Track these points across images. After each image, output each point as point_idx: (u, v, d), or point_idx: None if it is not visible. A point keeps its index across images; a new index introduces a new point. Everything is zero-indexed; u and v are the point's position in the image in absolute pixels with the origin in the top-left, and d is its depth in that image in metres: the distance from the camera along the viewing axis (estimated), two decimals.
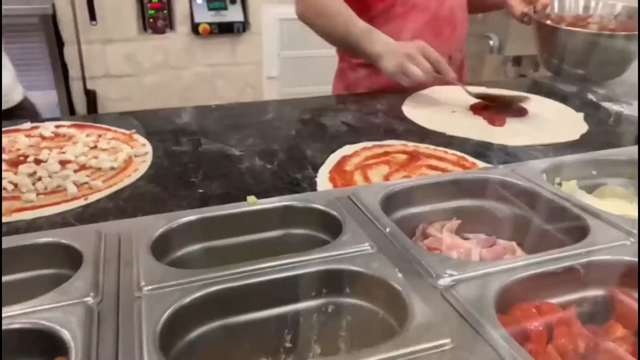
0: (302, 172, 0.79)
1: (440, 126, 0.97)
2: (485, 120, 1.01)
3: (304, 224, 0.52)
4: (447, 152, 0.87)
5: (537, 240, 0.55)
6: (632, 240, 0.47)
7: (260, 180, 0.77)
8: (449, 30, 1.22)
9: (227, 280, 0.40)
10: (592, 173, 0.64)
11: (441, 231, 0.57)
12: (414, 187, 0.57)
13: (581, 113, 1.04)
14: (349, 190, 0.56)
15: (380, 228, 0.49)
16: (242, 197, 0.73)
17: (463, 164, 0.83)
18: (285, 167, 0.80)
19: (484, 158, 0.85)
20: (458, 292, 0.40)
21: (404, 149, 0.87)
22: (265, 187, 0.76)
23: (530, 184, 0.56)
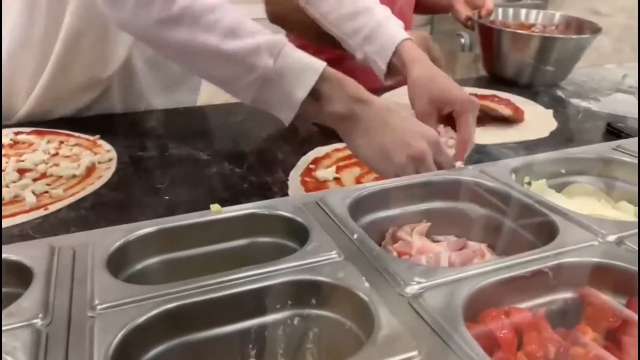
0: (272, 175, 0.77)
1: None
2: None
3: (270, 232, 0.50)
4: None
5: (507, 242, 0.55)
6: (600, 240, 0.46)
7: (229, 185, 0.75)
8: None
9: (186, 295, 0.38)
10: (561, 171, 0.64)
11: (411, 234, 0.56)
12: (383, 191, 0.55)
13: (550, 110, 1.05)
14: (317, 195, 0.54)
15: (348, 234, 0.47)
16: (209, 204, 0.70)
17: None
18: (255, 171, 0.78)
19: None
20: (426, 301, 0.38)
21: None
22: (234, 192, 0.74)
23: (499, 184, 0.56)
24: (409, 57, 0.80)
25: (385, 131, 0.62)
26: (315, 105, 0.62)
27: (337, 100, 0.62)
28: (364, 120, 0.62)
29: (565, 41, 1.14)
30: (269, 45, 0.61)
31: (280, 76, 0.61)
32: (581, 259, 0.43)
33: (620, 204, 0.62)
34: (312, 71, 0.61)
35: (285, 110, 0.63)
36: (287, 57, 0.62)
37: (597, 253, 0.44)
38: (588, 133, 0.98)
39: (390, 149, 0.61)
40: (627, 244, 0.45)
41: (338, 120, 0.63)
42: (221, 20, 0.61)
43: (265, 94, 0.63)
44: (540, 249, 0.45)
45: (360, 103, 0.63)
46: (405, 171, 0.60)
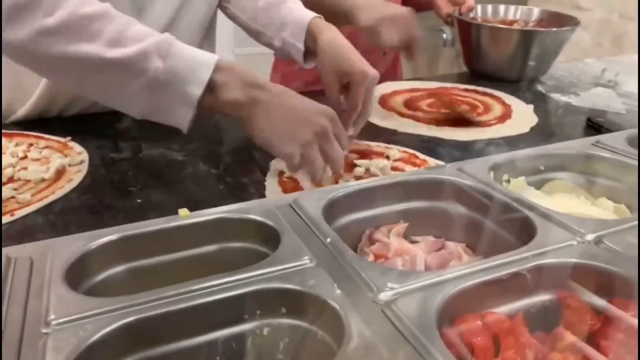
0: (249, 176, 0.75)
1: (391, 123, 0.95)
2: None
3: (240, 237, 0.48)
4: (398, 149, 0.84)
5: (485, 242, 0.53)
6: (578, 239, 0.45)
7: (203, 187, 0.73)
8: None
9: (148, 307, 0.36)
10: (540, 168, 0.62)
11: (388, 235, 0.54)
12: (358, 191, 0.54)
13: (531, 105, 1.04)
14: (291, 198, 0.52)
15: (321, 238, 0.45)
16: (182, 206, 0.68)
17: (414, 161, 0.81)
18: (231, 172, 0.76)
19: (435, 154, 0.83)
20: (399, 308, 0.37)
21: (356, 148, 0.85)
22: (209, 194, 0.71)
23: (477, 183, 0.54)
24: (318, 30, 0.81)
25: (287, 112, 0.63)
26: (211, 96, 0.61)
27: (233, 87, 0.61)
28: (264, 104, 0.62)
29: (544, 35, 1.13)
30: (156, 46, 0.59)
31: (172, 76, 0.59)
32: (559, 260, 0.42)
33: (600, 200, 0.61)
34: (204, 65, 0.60)
35: (182, 111, 0.61)
36: (176, 55, 0.59)
37: (576, 253, 0.43)
38: (568, 128, 0.98)
39: (293, 129, 0.62)
40: (606, 243, 0.44)
41: (237, 108, 0.62)
42: (104, 28, 0.58)
43: (157, 99, 0.60)
44: (518, 250, 0.43)
45: (257, 88, 0.62)
46: (311, 149, 0.62)
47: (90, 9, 0.58)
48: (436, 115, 0.98)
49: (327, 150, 0.63)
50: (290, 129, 0.62)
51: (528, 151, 0.63)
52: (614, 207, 0.59)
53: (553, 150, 0.63)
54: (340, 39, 0.79)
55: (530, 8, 1.28)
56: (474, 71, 1.22)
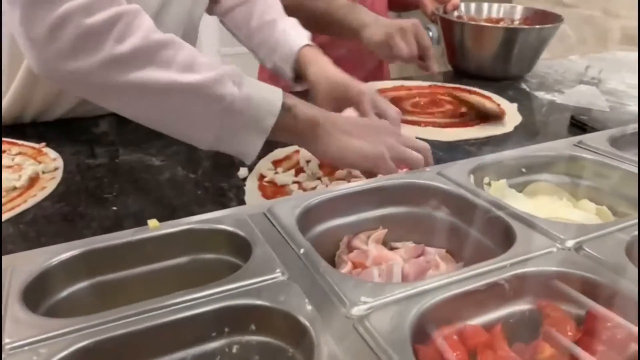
0: (228, 181, 0.73)
1: None
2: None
3: (212, 248, 0.46)
4: None
5: (465, 247, 0.52)
6: (558, 246, 0.44)
7: (181, 193, 0.71)
8: None
9: (109, 328, 0.34)
10: (522, 170, 0.61)
11: (367, 242, 0.53)
12: (335, 198, 0.52)
13: (515, 104, 1.03)
14: (266, 205, 0.50)
15: (295, 249, 0.44)
16: (159, 214, 0.66)
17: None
18: (210, 176, 0.74)
19: None
20: (372, 323, 0.35)
21: None
22: (186, 200, 0.69)
23: (456, 187, 0.53)
24: (306, 60, 0.83)
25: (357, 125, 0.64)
26: (289, 116, 0.61)
27: (304, 107, 0.62)
28: (335, 122, 0.63)
29: (527, 33, 1.12)
30: (230, 74, 0.59)
31: (247, 103, 0.59)
32: (538, 268, 0.41)
33: (582, 202, 0.60)
34: (274, 94, 0.61)
35: (255, 139, 0.61)
36: (248, 84, 0.60)
37: (556, 261, 0.41)
38: (552, 126, 0.96)
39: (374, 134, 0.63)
40: (586, 250, 0.43)
41: (314, 126, 0.62)
42: (176, 55, 0.58)
43: (232, 125, 0.60)
44: (496, 258, 0.42)
45: (321, 110, 0.64)
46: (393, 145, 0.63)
47: (160, 35, 0.58)
48: (419, 115, 0.96)
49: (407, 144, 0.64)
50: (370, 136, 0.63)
51: (509, 153, 0.61)
52: (596, 209, 0.58)
53: (534, 151, 0.62)
54: (328, 68, 0.81)
55: (514, 6, 1.27)
56: (458, 70, 1.21)
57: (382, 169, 0.62)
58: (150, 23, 0.59)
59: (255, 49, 0.91)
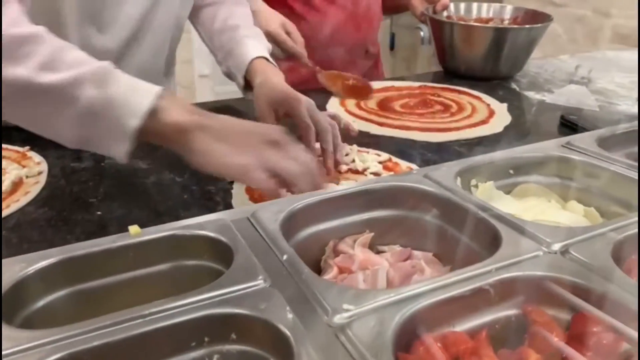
0: (216, 184, 0.72)
1: (364, 125, 0.92)
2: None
3: (194, 254, 0.45)
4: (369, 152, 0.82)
5: (452, 251, 0.51)
6: (544, 249, 0.43)
7: (167, 197, 0.70)
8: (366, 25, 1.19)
9: (85, 339, 0.33)
10: (509, 172, 0.60)
11: (353, 246, 0.52)
12: (320, 202, 0.51)
13: (505, 103, 1.02)
14: (250, 210, 0.50)
15: (278, 255, 0.43)
16: (144, 218, 0.66)
17: (386, 164, 0.79)
18: (197, 180, 0.73)
19: (408, 157, 0.81)
20: (353, 331, 0.34)
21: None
22: (172, 204, 0.68)
23: (442, 190, 0.52)
24: (255, 71, 0.83)
25: (235, 131, 0.58)
26: (153, 120, 0.55)
27: (175, 111, 0.56)
28: (209, 127, 0.57)
29: (517, 32, 1.11)
30: (92, 74, 0.54)
31: (107, 106, 0.55)
32: (524, 273, 0.40)
33: (570, 203, 0.59)
34: (144, 96, 0.55)
35: (118, 144, 0.56)
36: (113, 84, 0.55)
37: (542, 265, 0.41)
38: (542, 126, 0.96)
39: (243, 140, 0.57)
40: (572, 253, 0.42)
41: (181, 133, 0.57)
42: (35, 52, 0.53)
43: (90, 130, 0.56)
44: (481, 263, 0.41)
45: (201, 115, 0.58)
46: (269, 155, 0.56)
47: (21, 30, 0.54)
48: (409, 116, 0.96)
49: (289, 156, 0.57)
50: (239, 142, 0.57)
51: (496, 155, 0.61)
52: (584, 210, 0.58)
53: (522, 153, 0.61)
54: (273, 79, 0.81)
55: (504, 6, 1.27)
56: (448, 70, 1.20)
57: (247, 181, 0.58)
58: (15, 14, 0.54)
59: (214, 51, 0.91)
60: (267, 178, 0.55)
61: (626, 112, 1.01)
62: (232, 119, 0.61)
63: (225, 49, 0.87)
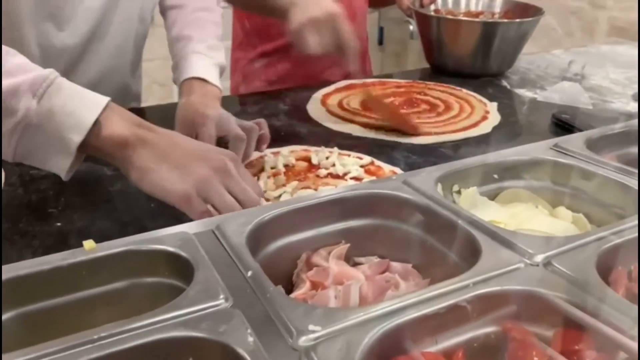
0: None
1: (347, 126, 0.92)
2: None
3: (153, 271, 0.44)
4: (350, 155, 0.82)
5: (431, 262, 0.51)
6: (526, 261, 0.43)
7: (133, 206, 0.69)
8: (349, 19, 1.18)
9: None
10: (494, 176, 0.60)
11: (328, 258, 0.51)
12: (292, 212, 0.50)
13: (494, 102, 1.02)
14: (215, 222, 0.49)
15: (242, 271, 0.42)
16: (108, 229, 0.64)
17: (368, 168, 0.78)
18: None
19: (391, 160, 0.80)
20: (319, 355, 0.33)
21: (306, 155, 0.82)
22: (138, 213, 0.67)
23: (421, 197, 0.52)
24: (182, 91, 0.83)
25: (179, 150, 0.57)
26: (93, 133, 0.54)
27: (116, 124, 0.56)
28: (152, 144, 0.57)
29: (507, 27, 1.11)
30: (32, 83, 0.53)
31: (47, 119, 0.53)
32: (503, 287, 0.40)
33: (558, 210, 0.59)
34: (88, 108, 0.54)
35: (59, 159, 0.55)
36: (54, 96, 0.54)
37: (522, 279, 0.40)
38: (534, 126, 0.96)
39: (186, 164, 0.56)
40: (555, 265, 0.42)
41: (120, 147, 0.56)
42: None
43: (29, 143, 0.54)
44: (458, 277, 0.40)
45: (144, 128, 0.58)
46: (211, 185, 0.55)
47: None
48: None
49: (233, 188, 0.56)
50: (183, 165, 0.56)
51: (479, 159, 0.60)
52: (572, 217, 0.57)
53: (507, 156, 0.61)
54: (193, 98, 0.79)
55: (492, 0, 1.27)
56: (436, 67, 1.20)
57: (187, 210, 0.56)
58: None
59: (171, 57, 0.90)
60: (206, 209, 0.55)
61: (620, 110, 1.01)
62: (182, 137, 0.60)
63: (174, 59, 0.87)
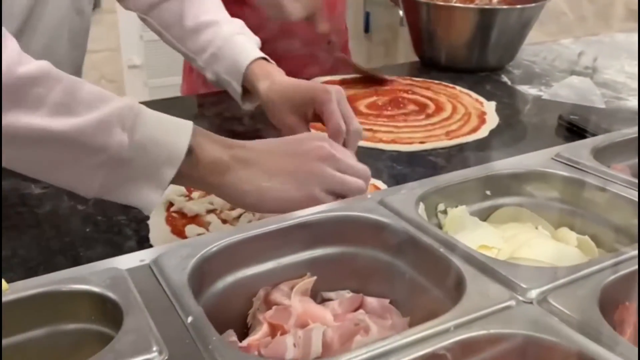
0: (129, 212, 0.70)
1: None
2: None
3: (77, 316, 0.42)
4: None
5: (411, 297, 0.50)
6: (519, 298, 0.42)
7: (65, 230, 0.67)
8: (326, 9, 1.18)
9: None
10: (486, 193, 0.60)
11: (290, 295, 0.50)
12: (245, 241, 0.49)
13: (493, 102, 1.02)
14: (153, 253, 0.47)
15: (182, 316, 0.41)
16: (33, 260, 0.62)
17: None
18: (104, 208, 0.71)
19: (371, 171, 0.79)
20: None
21: None
22: (71, 240, 0.66)
23: (400, 221, 0.51)
24: (256, 76, 0.81)
25: (280, 156, 0.61)
26: (188, 161, 0.57)
27: (210, 148, 0.59)
28: (252, 160, 0.60)
29: (507, 13, 1.11)
30: (119, 116, 0.55)
31: (140, 153, 0.56)
32: (489, 332, 0.39)
33: (561, 231, 0.59)
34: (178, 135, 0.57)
35: (150, 189, 0.57)
36: (146, 124, 0.56)
37: (513, 320, 0.40)
38: (537, 130, 0.96)
39: (297, 168, 0.60)
40: (552, 302, 0.41)
41: (221, 172, 0.59)
42: (50, 93, 0.53)
43: (118, 178, 0.56)
44: (437, 319, 0.39)
45: (237, 147, 0.61)
46: (331, 177, 0.60)
47: (29, 68, 0.53)
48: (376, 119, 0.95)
49: (344, 168, 0.61)
50: (292, 170, 0.60)
51: (469, 172, 0.60)
52: (577, 239, 0.57)
53: (501, 169, 0.60)
54: (280, 80, 0.79)
55: None
56: (426, 60, 1.20)
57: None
58: (13, 50, 0.53)
59: (192, 54, 0.88)
60: (331, 198, 0.59)
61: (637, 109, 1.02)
62: (267, 143, 0.63)
63: (208, 51, 0.85)
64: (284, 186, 0.59)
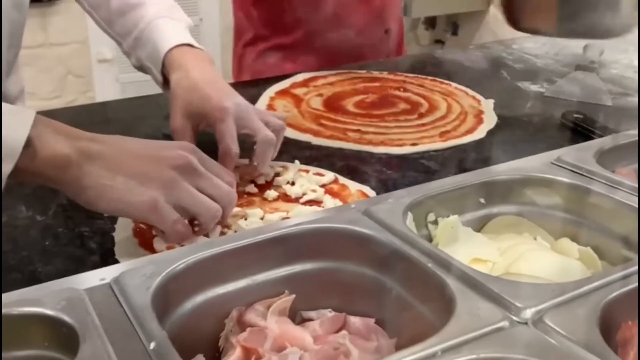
0: (92, 223, 0.69)
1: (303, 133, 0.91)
2: None
3: (28, 341, 0.42)
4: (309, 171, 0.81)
5: (398, 316, 0.50)
6: (512, 318, 0.42)
7: (22, 244, 0.67)
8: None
9: None
10: (480, 201, 0.60)
11: (266, 315, 0.50)
12: (216, 257, 0.49)
13: (491, 100, 1.02)
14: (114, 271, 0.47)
15: (144, 341, 0.40)
16: None
17: (330, 188, 0.78)
18: (66, 218, 0.70)
19: (360, 177, 0.80)
20: None
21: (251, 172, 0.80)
22: (27, 254, 0.65)
23: (384, 233, 0.51)
24: (172, 63, 0.80)
25: (132, 156, 0.60)
26: (25, 153, 0.55)
27: (53, 140, 0.57)
28: (99, 156, 0.59)
29: None
30: None
31: None
32: (479, 357, 0.39)
33: (561, 242, 0.59)
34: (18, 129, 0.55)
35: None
36: None
37: (505, 343, 0.40)
38: (539, 131, 0.96)
39: (145, 171, 0.59)
40: (547, 323, 0.41)
41: (63, 168, 0.57)
42: None
43: None
44: (423, 343, 0.39)
45: (85, 139, 0.59)
46: (179, 188, 0.59)
47: None
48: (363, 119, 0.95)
49: (203, 186, 0.60)
50: (140, 172, 0.59)
51: (460, 178, 0.60)
52: (578, 250, 0.57)
53: (497, 175, 0.61)
54: (193, 73, 0.78)
55: None
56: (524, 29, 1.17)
57: (157, 222, 0.60)
58: None
59: (118, 37, 0.88)
60: (178, 217, 0.59)
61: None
62: (128, 140, 0.62)
63: (131, 35, 0.85)
64: (124, 187, 0.58)
